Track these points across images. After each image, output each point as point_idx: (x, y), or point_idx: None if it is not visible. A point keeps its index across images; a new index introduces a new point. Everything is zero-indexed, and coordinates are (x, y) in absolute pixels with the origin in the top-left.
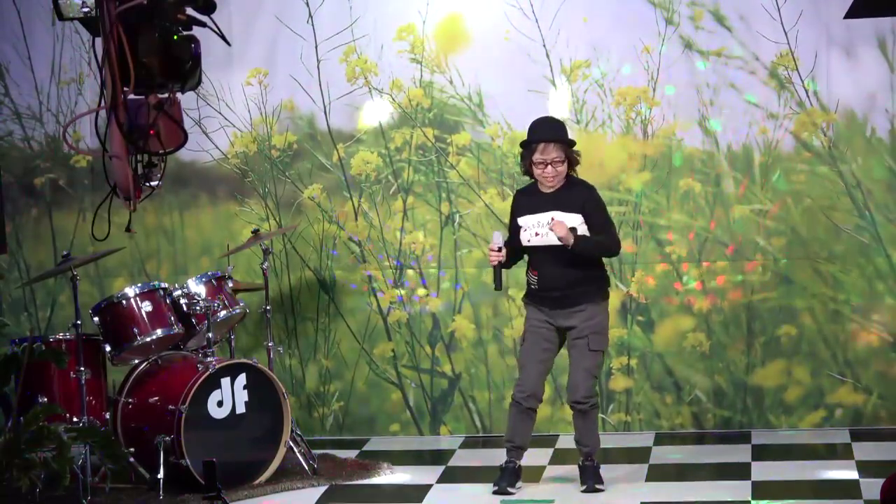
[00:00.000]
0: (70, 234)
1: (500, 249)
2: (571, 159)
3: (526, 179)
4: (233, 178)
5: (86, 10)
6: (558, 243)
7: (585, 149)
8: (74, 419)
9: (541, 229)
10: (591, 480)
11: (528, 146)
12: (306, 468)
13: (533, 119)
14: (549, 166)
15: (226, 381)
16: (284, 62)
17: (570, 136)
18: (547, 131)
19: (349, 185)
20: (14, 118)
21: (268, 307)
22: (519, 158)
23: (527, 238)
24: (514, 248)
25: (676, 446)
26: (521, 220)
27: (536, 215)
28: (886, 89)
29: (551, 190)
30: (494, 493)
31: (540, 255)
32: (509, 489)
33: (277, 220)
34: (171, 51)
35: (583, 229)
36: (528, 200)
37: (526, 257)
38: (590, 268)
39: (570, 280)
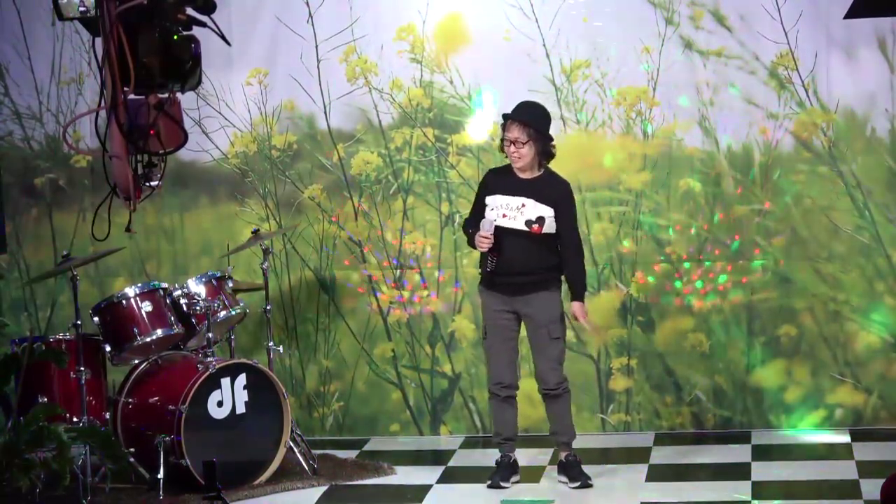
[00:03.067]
0: (70, 234)
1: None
2: (544, 149)
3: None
4: (233, 178)
5: (85, 9)
6: (524, 228)
7: (585, 149)
8: (74, 419)
9: (510, 212)
10: (581, 476)
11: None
12: (306, 468)
13: None
14: (512, 145)
15: (226, 381)
16: (284, 62)
17: (565, 133)
18: (514, 110)
19: (349, 185)
20: (14, 118)
21: (268, 307)
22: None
23: (493, 217)
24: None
25: (676, 446)
26: (489, 199)
27: (507, 197)
28: (886, 89)
29: (527, 176)
30: (488, 486)
31: (503, 238)
32: (502, 483)
33: (277, 220)
34: (171, 51)
35: (551, 222)
36: (502, 181)
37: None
38: (548, 257)
39: (530, 266)
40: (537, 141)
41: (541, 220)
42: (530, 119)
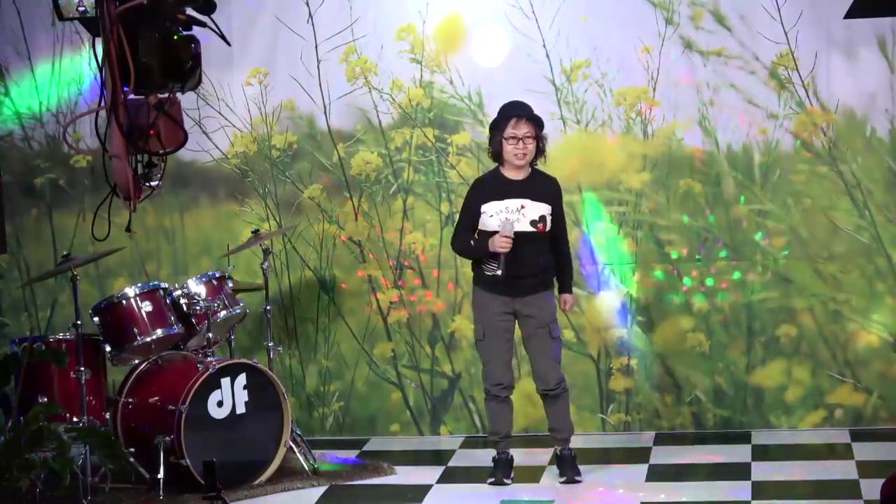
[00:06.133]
0: (70, 234)
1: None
2: (541, 146)
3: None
4: (233, 178)
5: (85, 10)
6: (531, 229)
7: (585, 149)
8: (74, 419)
9: (511, 215)
10: (570, 471)
11: (498, 124)
12: (306, 468)
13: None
14: (521, 142)
15: (226, 381)
16: (284, 62)
17: (564, 134)
18: (520, 107)
19: (349, 185)
20: (14, 118)
21: (268, 307)
22: (488, 143)
23: (497, 223)
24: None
25: (676, 446)
26: (486, 207)
27: (504, 201)
28: (886, 89)
29: (518, 177)
30: (491, 483)
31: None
32: (506, 480)
33: (277, 220)
34: (171, 51)
35: (550, 219)
36: (494, 187)
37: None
38: (546, 256)
39: (538, 267)
40: (539, 138)
41: (543, 218)
42: (538, 117)
